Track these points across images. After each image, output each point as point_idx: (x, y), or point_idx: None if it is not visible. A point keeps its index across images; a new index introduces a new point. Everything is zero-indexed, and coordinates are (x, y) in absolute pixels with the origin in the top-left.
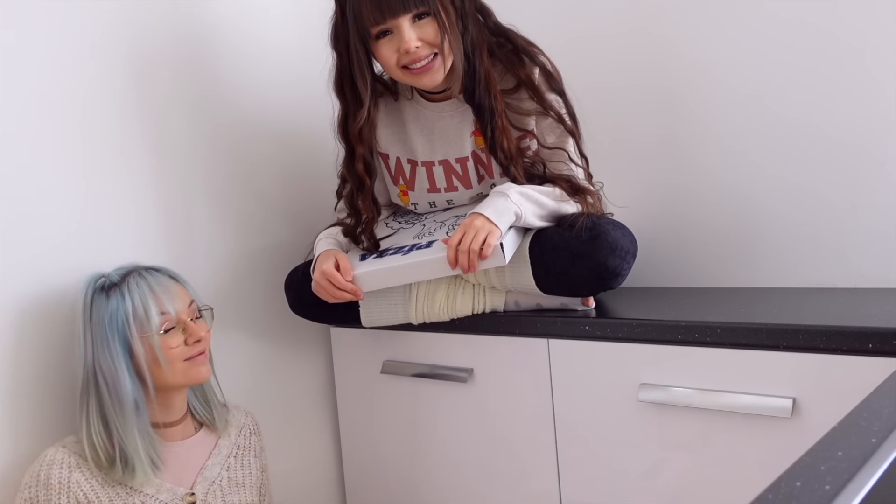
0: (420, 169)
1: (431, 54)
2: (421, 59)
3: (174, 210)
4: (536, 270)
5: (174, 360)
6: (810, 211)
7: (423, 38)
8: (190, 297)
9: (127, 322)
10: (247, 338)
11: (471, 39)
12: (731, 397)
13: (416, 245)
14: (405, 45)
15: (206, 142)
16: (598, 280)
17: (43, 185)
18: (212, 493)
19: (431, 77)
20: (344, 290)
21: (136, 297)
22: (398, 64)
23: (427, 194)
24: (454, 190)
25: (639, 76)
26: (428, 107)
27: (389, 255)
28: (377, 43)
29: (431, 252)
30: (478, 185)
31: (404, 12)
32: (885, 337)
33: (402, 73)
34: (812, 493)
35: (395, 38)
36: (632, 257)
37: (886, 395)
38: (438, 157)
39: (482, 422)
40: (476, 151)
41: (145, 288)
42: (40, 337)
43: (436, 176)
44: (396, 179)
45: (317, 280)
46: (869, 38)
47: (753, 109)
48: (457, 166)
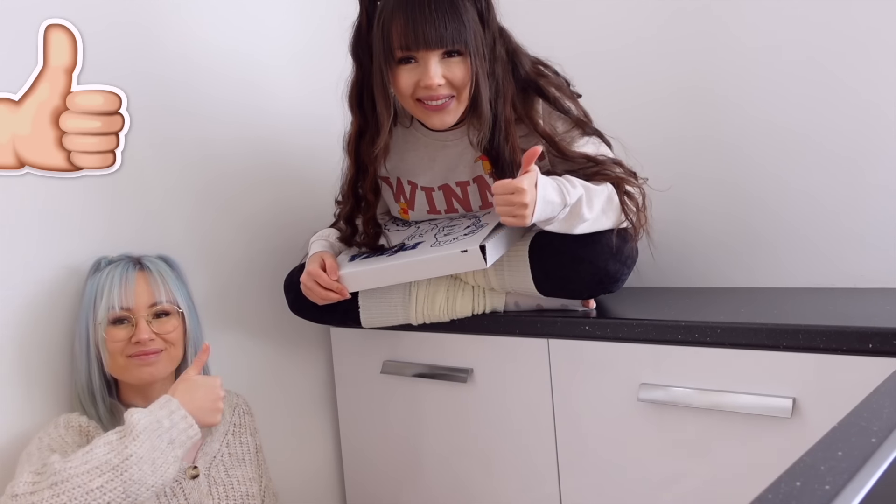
0: (420, 193)
1: (450, 95)
2: (440, 97)
3: (175, 210)
4: (536, 274)
5: (115, 354)
6: (810, 211)
7: (448, 78)
8: (155, 297)
9: (90, 306)
10: (247, 338)
11: (496, 86)
12: (731, 397)
13: (403, 246)
14: (428, 80)
15: (210, 142)
16: (598, 284)
17: (40, 183)
18: (214, 467)
19: (442, 118)
20: (329, 289)
21: (104, 283)
22: (413, 95)
23: (427, 215)
24: (454, 212)
25: (639, 77)
26: (429, 135)
27: (376, 256)
28: (398, 67)
29: (416, 254)
30: (479, 210)
31: (438, 47)
32: (885, 337)
33: (415, 105)
34: (812, 493)
35: (419, 70)
36: (632, 262)
37: (886, 395)
38: (438, 182)
39: (482, 422)
40: (483, 176)
41: (112, 278)
42: (42, 338)
43: (435, 200)
44: (398, 198)
45: (303, 281)
46: (868, 39)
47: (753, 110)
48: (457, 189)
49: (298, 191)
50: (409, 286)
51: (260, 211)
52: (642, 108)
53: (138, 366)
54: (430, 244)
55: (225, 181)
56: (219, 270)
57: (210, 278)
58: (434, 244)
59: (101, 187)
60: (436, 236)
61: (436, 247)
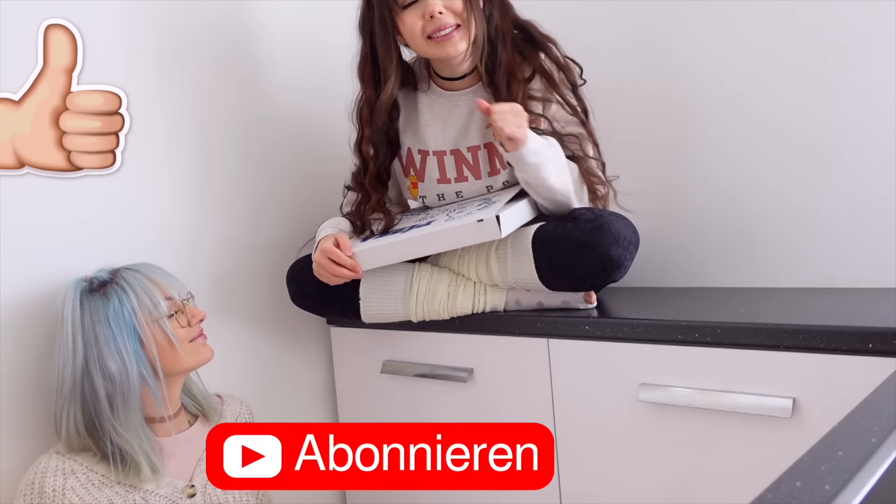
0: (431, 159)
1: (455, 24)
2: (445, 27)
3: (175, 210)
4: (539, 263)
5: (183, 342)
6: (810, 211)
7: (448, 6)
8: (180, 284)
9: (134, 312)
10: (247, 338)
11: (495, 26)
12: (731, 397)
13: (415, 225)
14: (430, 8)
15: (211, 136)
16: (602, 271)
17: (41, 183)
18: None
19: (455, 46)
20: (344, 265)
21: (138, 286)
22: (423, 33)
23: (437, 185)
24: (464, 180)
25: (639, 78)
26: (444, 95)
27: (389, 234)
28: (403, 13)
29: (430, 228)
30: (488, 177)
31: None
32: (885, 337)
33: (426, 44)
34: (812, 493)
35: (421, 5)
36: (634, 248)
37: (886, 395)
38: (450, 146)
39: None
40: (493, 142)
41: (143, 278)
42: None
43: (446, 166)
44: (407, 171)
45: (317, 259)
46: (868, 38)
47: (753, 110)
48: (468, 155)
49: (302, 187)
50: (410, 280)
51: (260, 211)
52: (641, 107)
53: (203, 345)
54: (443, 220)
55: (225, 181)
56: (219, 270)
57: (210, 278)
58: (448, 220)
59: (101, 187)
60: (448, 214)
61: (450, 221)
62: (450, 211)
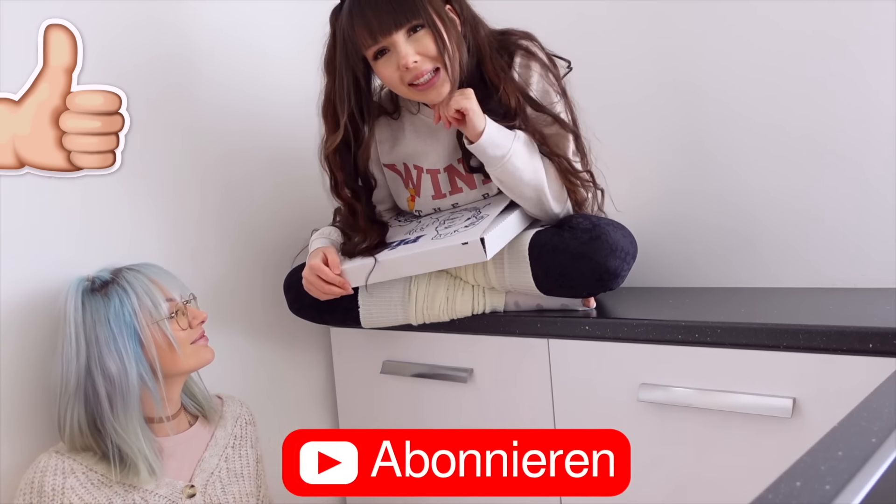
0: (425, 176)
1: (433, 69)
2: (423, 73)
3: (175, 210)
4: (536, 272)
5: (183, 343)
6: (810, 211)
7: (422, 53)
8: (182, 286)
9: (134, 313)
10: (247, 338)
11: (476, 46)
12: (731, 397)
13: (404, 241)
14: (403, 60)
15: (210, 142)
16: (598, 281)
17: (41, 183)
18: (211, 485)
19: (438, 92)
20: (332, 283)
21: (139, 287)
22: (403, 81)
23: (432, 201)
24: (459, 191)
25: (639, 78)
26: (431, 115)
27: (378, 248)
28: (377, 63)
29: (418, 247)
30: (482, 185)
31: (396, 28)
32: (885, 337)
33: (409, 91)
34: (812, 493)
35: (394, 56)
36: (632, 258)
37: (886, 395)
38: (442, 164)
39: (482, 422)
40: None
41: (144, 279)
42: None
43: (440, 182)
44: (406, 183)
45: (305, 276)
46: (868, 39)
47: (753, 110)
48: (459, 167)
49: (298, 192)
50: (408, 286)
51: (260, 211)
52: (641, 107)
53: (204, 346)
54: (430, 237)
55: (226, 180)
56: (219, 270)
57: (210, 278)
58: (435, 237)
59: (101, 187)
60: (437, 229)
61: (437, 239)
62: (439, 224)
